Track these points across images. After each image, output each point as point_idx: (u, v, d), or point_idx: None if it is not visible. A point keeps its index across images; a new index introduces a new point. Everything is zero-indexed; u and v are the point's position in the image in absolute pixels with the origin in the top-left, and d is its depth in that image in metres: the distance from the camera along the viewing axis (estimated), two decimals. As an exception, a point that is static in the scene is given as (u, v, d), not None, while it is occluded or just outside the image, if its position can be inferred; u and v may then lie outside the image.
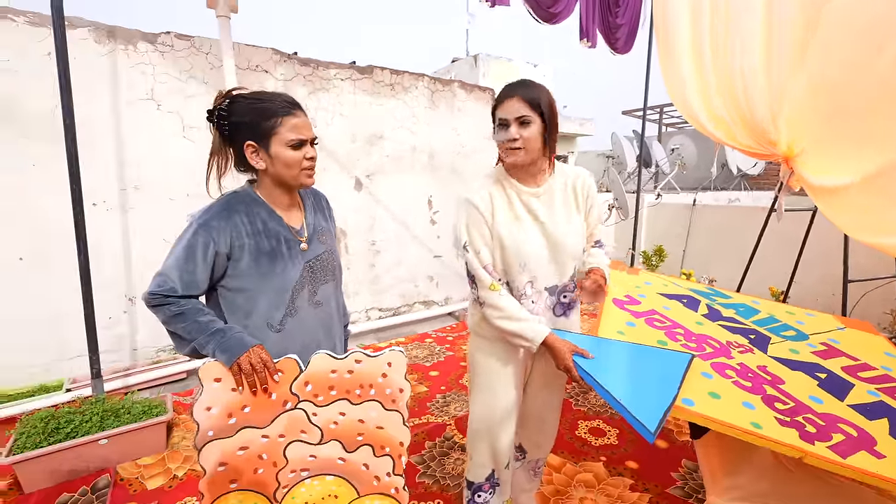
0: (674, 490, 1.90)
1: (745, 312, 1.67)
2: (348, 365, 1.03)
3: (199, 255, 1.00)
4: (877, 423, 1.10)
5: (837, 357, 1.42)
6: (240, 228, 1.03)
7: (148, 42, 2.73)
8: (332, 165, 3.57)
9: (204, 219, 1.02)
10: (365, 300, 3.92)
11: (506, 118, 1.17)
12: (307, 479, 1.07)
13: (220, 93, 1.06)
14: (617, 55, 3.22)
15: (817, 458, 0.95)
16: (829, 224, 2.14)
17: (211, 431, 0.96)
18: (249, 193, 1.09)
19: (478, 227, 1.24)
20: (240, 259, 1.03)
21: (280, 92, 1.07)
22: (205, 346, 0.98)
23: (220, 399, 0.96)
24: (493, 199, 1.25)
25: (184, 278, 1.00)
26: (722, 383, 1.18)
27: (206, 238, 1.00)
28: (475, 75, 7.82)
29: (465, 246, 1.26)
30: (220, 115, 1.02)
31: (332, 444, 1.06)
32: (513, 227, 1.25)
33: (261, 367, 0.96)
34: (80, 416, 1.96)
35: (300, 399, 1.02)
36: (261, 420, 1.00)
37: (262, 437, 1.01)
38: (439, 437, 2.27)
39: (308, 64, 3.38)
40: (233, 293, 1.06)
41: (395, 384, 1.07)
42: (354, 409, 1.05)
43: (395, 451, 1.10)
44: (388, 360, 1.06)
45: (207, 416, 0.96)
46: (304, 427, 1.03)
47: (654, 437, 0.96)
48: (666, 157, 7.70)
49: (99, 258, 2.64)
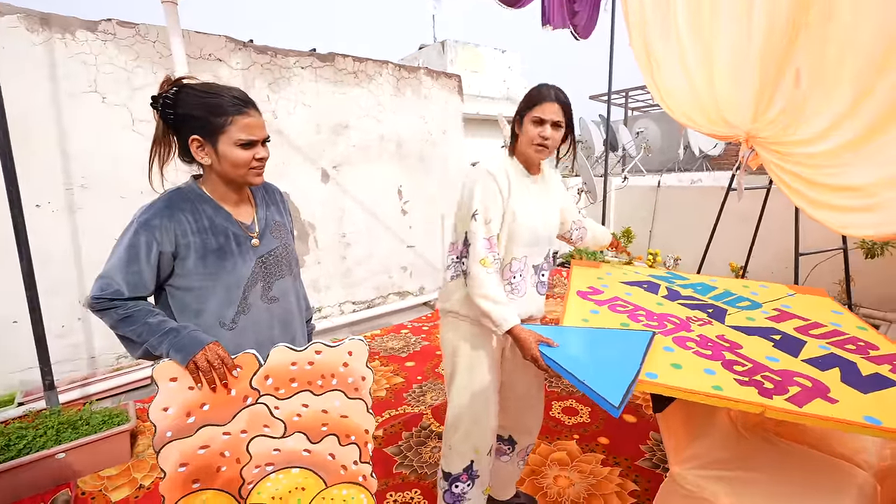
0: (642, 462, 1.97)
1: (703, 290, 1.74)
2: (308, 356, 1.02)
3: (143, 255, 0.96)
4: (829, 372, 1.16)
5: (790, 319, 1.49)
6: (184, 226, 0.99)
7: (88, 30, 2.56)
8: (296, 157, 3.47)
9: (145, 217, 0.97)
10: (337, 294, 3.86)
11: (544, 118, 1.30)
12: (272, 473, 1.06)
13: (168, 78, 1.00)
14: (579, 40, 3.23)
15: (776, 411, 0.98)
16: (783, 202, 2.25)
17: (169, 432, 0.94)
18: (194, 189, 1.04)
19: (493, 198, 1.29)
20: (186, 258, 0.99)
21: (234, 87, 1.02)
22: (157, 346, 0.95)
23: (176, 399, 0.94)
24: (508, 175, 1.33)
25: (129, 280, 0.96)
26: (683, 354, 1.22)
27: (149, 237, 0.96)
28: (443, 61, 7.72)
29: (475, 214, 1.28)
30: (166, 104, 0.97)
31: (297, 436, 1.05)
32: (524, 203, 1.35)
33: (218, 363, 0.93)
34: (34, 431, 1.86)
35: (261, 393, 1.00)
36: (221, 417, 0.98)
37: (223, 435, 0.99)
38: (416, 427, 2.28)
39: (265, 52, 3.25)
40: (181, 292, 1.02)
41: (357, 372, 1.06)
42: (317, 399, 1.05)
43: (361, 438, 1.09)
44: (348, 349, 1.05)
45: (164, 417, 0.93)
46: (266, 421, 1.02)
47: (619, 411, 0.98)
48: (632, 141, 7.86)
49: (47, 263, 2.49)
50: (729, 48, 2.15)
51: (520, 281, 1.39)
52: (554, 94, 1.30)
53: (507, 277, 1.37)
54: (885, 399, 1.04)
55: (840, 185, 1.78)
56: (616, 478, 1.87)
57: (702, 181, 7.10)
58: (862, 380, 1.12)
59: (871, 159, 1.69)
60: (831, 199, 1.80)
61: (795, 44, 1.89)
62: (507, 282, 1.37)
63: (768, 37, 1.99)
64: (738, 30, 2.10)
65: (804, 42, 1.87)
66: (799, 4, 1.85)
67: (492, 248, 1.29)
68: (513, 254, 1.36)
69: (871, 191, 1.67)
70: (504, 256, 1.37)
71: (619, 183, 5.97)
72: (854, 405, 1.01)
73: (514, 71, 8.34)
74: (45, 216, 2.51)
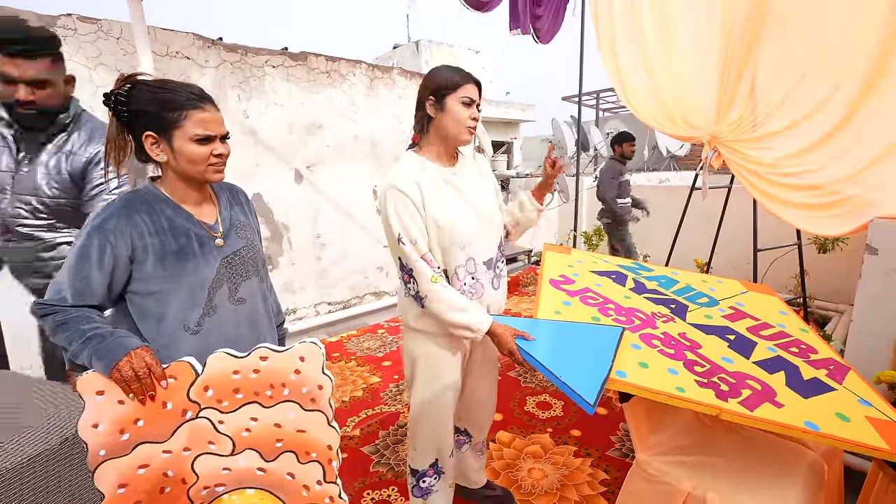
0: (612, 452, 2.04)
1: (666, 284, 1.82)
2: (252, 363, 0.91)
3: (94, 260, 0.92)
4: (776, 375, 1.25)
5: (743, 319, 1.58)
6: (141, 228, 0.96)
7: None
8: (268, 158, 3.42)
9: (98, 220, 0.94)
10: (313, 295, 3.82)
11: (474, 98, 1.24)
12: (225, 494, 0.97)
13: (122, 76, 0.97)
14: (540, 44, 3.30)
15: (731, 414, 1.07)
16: (745, 200, 2.36)
17: (103, 450, 0.85)
18: (151, 191, 1.02)
19: (410, 213, 1.20)
20: (144, 261, 0.96)
21: (190, 83, 1.01)
22: (79, 354, 0.87)
23: (106, 414, 0.85)
24: (418, 182, 1.22)
25: (76, 286, 0.92)
26: (649, 353, 1.28)
27: (102, 241, 0.93)
28: (418, 61, 7.74)
29: (400, 238, 1.20)
30: (118, 100, 0.95)
31: (248, 453, 0.95)
32: (444, 206, 1.24)
33: (144, 372, 0.84)
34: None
35: (201, 406, 0.90)
36: (159, 434, 0.89)
37: (163, 453, 0.90)
38: (392, 426, 2.30)
39: (235, 50, 3.19)
40: (141, 297, 0.98)
41: (312, 381, 0.93)
42: (267, 412, 0.93)
43: (323, 455, 0.96)
44: (299, 353, 0.92)
45: (95, 434, 0.84)
46: (210, 437, 0.92)
47: (593, 409, 1.03)
48: (603, 141, 8.06)
49: (4, 267, 2.38)
50: (691, 48, 2.24)
51: (473, 283, 1.30)
52: (471, 76, 1.25)
53: (457, 287, 1.27)
54: (823, 404, 1.14)
55: (802, 185, 1.88)
56: (588, 468, 1.93)
57: (669, 180, 7.35)
58: (803, 384, 1.22)
59: (834, 158, 1.78)
60: (793, 197, 1.89)
61: (757, 44, 1.98)
62: (460, 290, 1.27)
63: (727, 36, 2.07)
64: (697, 31, 2.18)
65: (765, 41, 1.96)
66: (758, 3, 1.93)
67: (431, 264, 1.22)
68: (455, 262, 1.26)
69: (830, 189, 1.77)
70: (447, 266, 1.28)
71: (590, 182, 6.12)
72: (796, 410, 1.11)
73: (488, 71, 8.43)
74: None
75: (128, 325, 1.01)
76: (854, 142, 1.69)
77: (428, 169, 1.27)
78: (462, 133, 1.26)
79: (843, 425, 1.07)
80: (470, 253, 1.28)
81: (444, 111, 1.24)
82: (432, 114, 1.26)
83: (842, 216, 1.72)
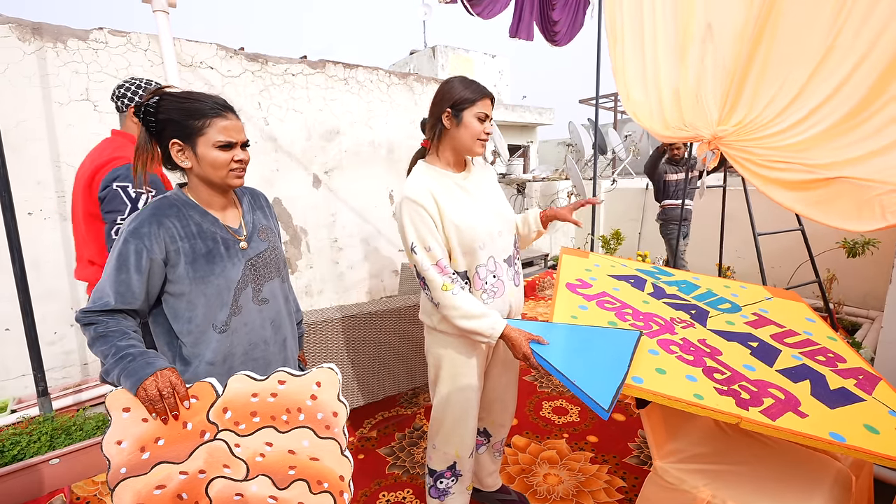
0: (630, 459, 2.01)
1: (687, 289, 1.78)
2: (271, 387, 0.91)
3: (133, 264, 0.97)
4: (801, 384, 1.21)
5: (767, 326, 1.54)
6: (172, 232, 1.01)
7: (79, 39, 2.58)
8: (287, 163, 3.49)
9: (133, 226, 0.99)
10: (331, 298, 3.88)
11: (488, 114, 1.30)
12: None
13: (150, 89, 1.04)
14: (556, 47, 3.29)
15: (751, 423, 1.04)
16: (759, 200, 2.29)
17: (124, 468, 0.86)
18: (180, 196, 1.07)
19: (424, 222, 1.24)
20: (176, 264, 1.01)
21: (213, 94, 1.06)
22: (111, 372, 0.90)
23: (130, 431, 0.86)
24: (432, 190, 1.26)
25: (118, 290, 0.96)
26: (667, 359, 1.26)
27: (138, 245, 0.97)
28: (434, 67, 7.80)
29: (413, 247, 1.25)
30: (148, 112, 1.01)
31: (261, 479, 0.94)
32: (460, 208, 1.29)
33: (169, 391, 0.87)
34: (27, 437, 1.87)
35: (219, 428, 0.90)
36: (177, 454, 0.89)
37: (180, 474, 0.90)
38: (409, 428, 2.31)
39: (256, 59, 3.29)
40: (175, 298, 1.04)
41: (328, 407, 0.92)
42: (282, 437, 0.92)
43: (335, 486, 0.94)
44: (315, 379, 0.92)
45: (118, 452, 0.85)
46: (226, 461, 0.91)
47: (608, 414, 1.01)
48: (621, 144, 7.95)
49: (39, 270, 2.49)
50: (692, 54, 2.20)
51: (495, 282, 1.35)
52: (486, 90, 1.30)
53: (479, 286, 1.33)
54: (850, 415, 1.10)
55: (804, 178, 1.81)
56: (604, 475, 1.91)
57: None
58: (830, 394, 1.18)
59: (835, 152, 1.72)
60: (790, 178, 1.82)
61: (759, 46, 1.93)
62: (482, 290, 1.33)
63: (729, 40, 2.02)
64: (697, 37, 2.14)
65: (766, 43, 1.91)
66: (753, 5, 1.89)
67: (444, 272, 1.25)
68: (477, 261, 1.31)
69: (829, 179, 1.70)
70: (468, 267, 1.32)
71: (608, 186, 6.05)
72: (822, 420, 1.07)
73: (504, 76, 8.42)
74: (36, 223, 2.52)
75: (164, 326, 1.05)
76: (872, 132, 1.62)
77: (440, 177, 1.32)
78: (476, 146, 1.30)
79: (872, 437, 1.03)
80: (490, 251, 1.33)
81: (461, 125, 1.28)
82: (448, 126, 1.29)
83: (866, 216, 1.65)
